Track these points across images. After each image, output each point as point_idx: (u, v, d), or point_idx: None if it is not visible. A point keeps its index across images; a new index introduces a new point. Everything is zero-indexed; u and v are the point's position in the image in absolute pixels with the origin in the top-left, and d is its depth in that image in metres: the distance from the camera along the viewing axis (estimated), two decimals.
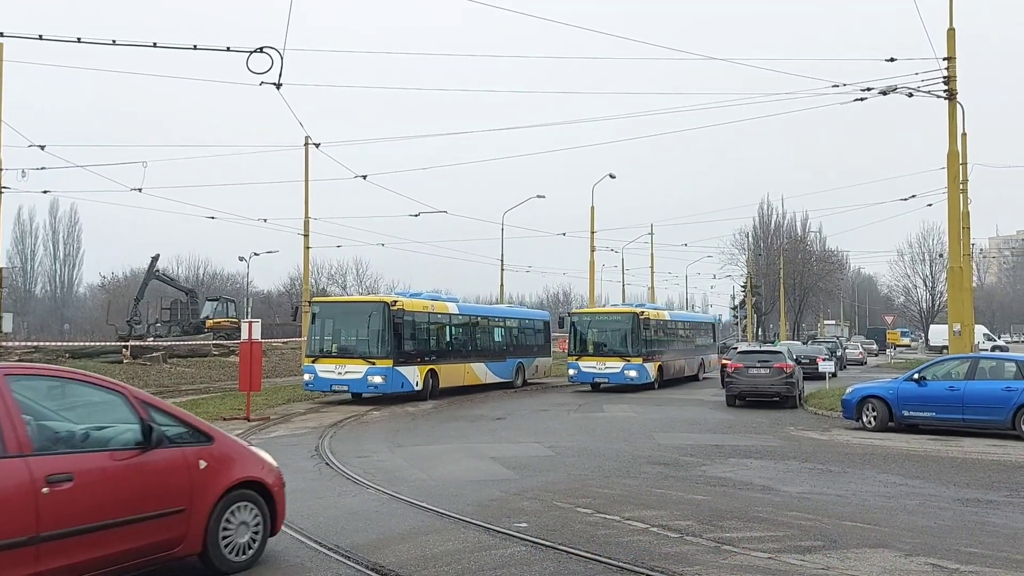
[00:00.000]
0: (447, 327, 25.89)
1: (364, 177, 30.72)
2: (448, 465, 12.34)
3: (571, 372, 27.78)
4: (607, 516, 8.48)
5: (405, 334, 22.70)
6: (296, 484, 10.60)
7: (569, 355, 28.28)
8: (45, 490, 5.15)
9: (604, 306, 40.57)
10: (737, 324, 72.71)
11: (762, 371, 21.91)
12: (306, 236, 33.44)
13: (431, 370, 23.73)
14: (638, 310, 28.28)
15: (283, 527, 7.32)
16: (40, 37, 13.03)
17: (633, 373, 26.73)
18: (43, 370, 6.43)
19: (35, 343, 34.52)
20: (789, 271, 69.91)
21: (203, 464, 6.27)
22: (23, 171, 23.63)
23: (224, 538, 6.34)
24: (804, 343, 46.70)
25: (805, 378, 24.82)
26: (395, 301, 22.51)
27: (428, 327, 24.54)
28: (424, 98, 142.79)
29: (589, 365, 27.41)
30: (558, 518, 8.41)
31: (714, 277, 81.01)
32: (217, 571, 6.33)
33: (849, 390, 17.92)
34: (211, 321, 46.93)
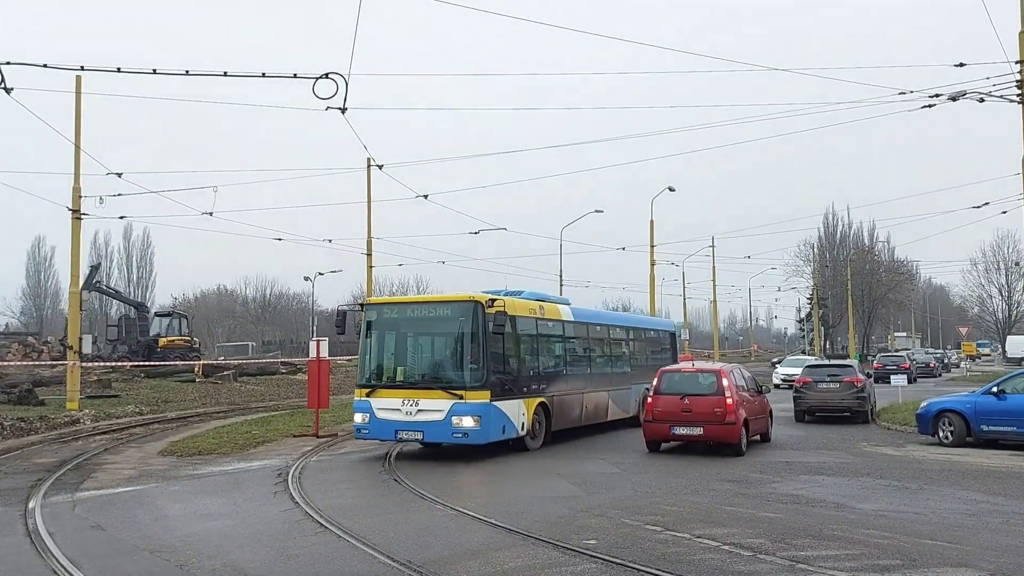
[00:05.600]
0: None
1: (425, 196, 31.06)
2: (513, 481, 12.39)
3: (357, 419, 14.96)
4: (677, 534, 8.40)
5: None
6: (366, 500, 10.79)
7: (359, 386, 15.39)
8: (755, 401, 16.47)
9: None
10: (804, 337, 71.15)
11: (832, 385, 21.43)
12: (369, 255, 34.01)
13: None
14: (483, 297, 14.79)
15: (354, 541, 8.22)
16: (119, 70, 13.63)
17: (469, 422, 14.00)
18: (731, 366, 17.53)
19: (112, 364, 35.73)
20: (857, 282, 68.28)
21: (767, 400, 17.44)
22: (101, 198, 24.52)
23: (769, 431, 17.27)
24: (873, 356, 45.65)
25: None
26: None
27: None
28: (484, 116, 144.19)
29: (389, 406, 14.52)
30: (627, 535, 8.36)
31: (779, 290, 79.55)
32: (765, 442, 16.87)
33: (924, 404, 17.39)
34: (164, 339, 42.50)
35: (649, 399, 15.68)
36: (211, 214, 28.07)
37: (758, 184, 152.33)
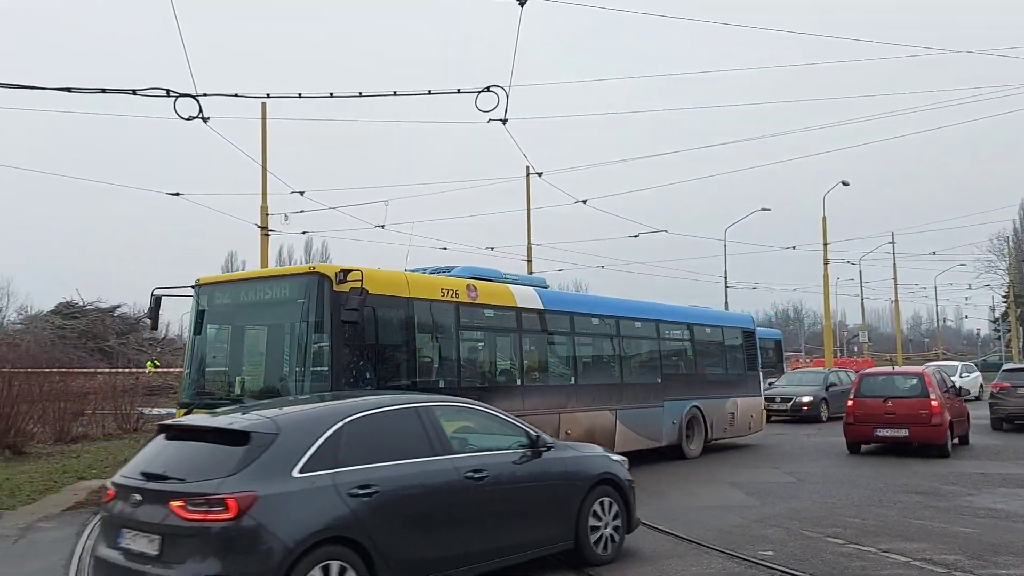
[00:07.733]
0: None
1: (584, 202, 31.14)
2: (684, 489, 12.22)
3: None
4: (861, 547, 8.01)
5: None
6: None
7: (179, 404, 10.92)
8: (955, 404, 16.42)
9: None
10: (999, 339, 65.52)
11: None
12: (529, 262, 34.46)
13: None
14: (331, 269, 9.92)
15: None
16: (299, 95, 14.55)
17: None
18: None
19: None
20: None
21: (965, 404, 17.27)
22: (286, 215, 26.28)
23: (968, 434, 17.24)
24: None
25: None
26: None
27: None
28: (642, 119, 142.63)
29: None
30: (806, 547, 8.06)
31: (969, 287, 73.52)
32: (964, 445, 16.73)
33: None
34: None
35: (849, 402, 16.19)
36: (383, 227, 29.38)
37: (941, 175, 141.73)
